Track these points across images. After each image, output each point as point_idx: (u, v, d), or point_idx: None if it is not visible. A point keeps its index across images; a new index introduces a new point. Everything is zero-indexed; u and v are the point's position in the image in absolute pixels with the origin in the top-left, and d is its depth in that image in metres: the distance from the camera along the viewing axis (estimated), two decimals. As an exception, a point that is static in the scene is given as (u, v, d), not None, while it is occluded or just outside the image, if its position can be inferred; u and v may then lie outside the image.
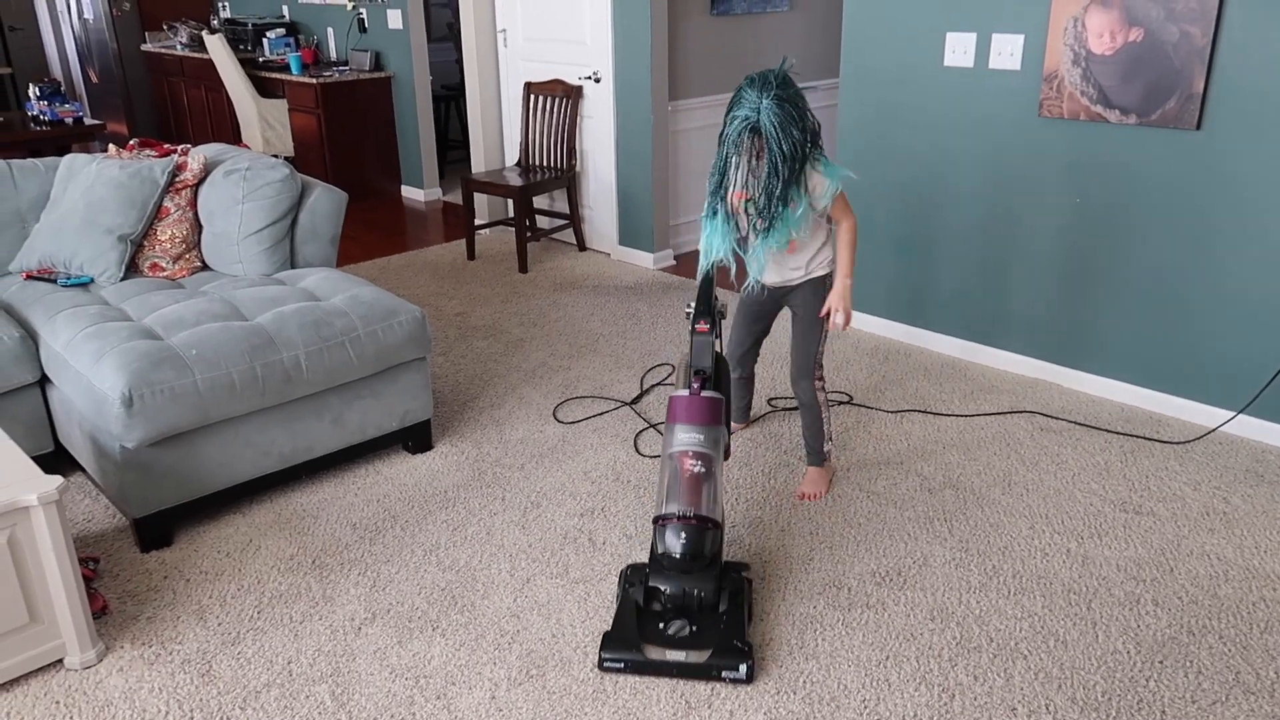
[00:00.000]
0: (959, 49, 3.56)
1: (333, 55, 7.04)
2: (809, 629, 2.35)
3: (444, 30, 7.98)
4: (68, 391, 2.77)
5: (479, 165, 5.84)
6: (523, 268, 5.08)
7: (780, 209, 2.44)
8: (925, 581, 2.53)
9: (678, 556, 2.19)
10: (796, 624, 2.36)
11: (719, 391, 2.41)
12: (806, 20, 5.64)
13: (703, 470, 2.25)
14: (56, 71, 9.41)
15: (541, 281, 4.96)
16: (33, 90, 5.31)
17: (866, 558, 2.63)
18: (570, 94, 5.15)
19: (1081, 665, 2.21)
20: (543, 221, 5.69)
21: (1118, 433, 3.30)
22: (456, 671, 2.22)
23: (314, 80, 6.39)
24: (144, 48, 8.14)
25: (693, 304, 2.52)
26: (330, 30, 7.01)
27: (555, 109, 5.24)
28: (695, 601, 2.23)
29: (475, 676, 2.21)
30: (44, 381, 2.95)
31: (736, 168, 2.42)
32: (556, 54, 5.26)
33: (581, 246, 5.45)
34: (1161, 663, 2.22)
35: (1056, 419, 3.41)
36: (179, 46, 7.71)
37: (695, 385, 2.35)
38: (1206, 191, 3.12)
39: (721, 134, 2.47)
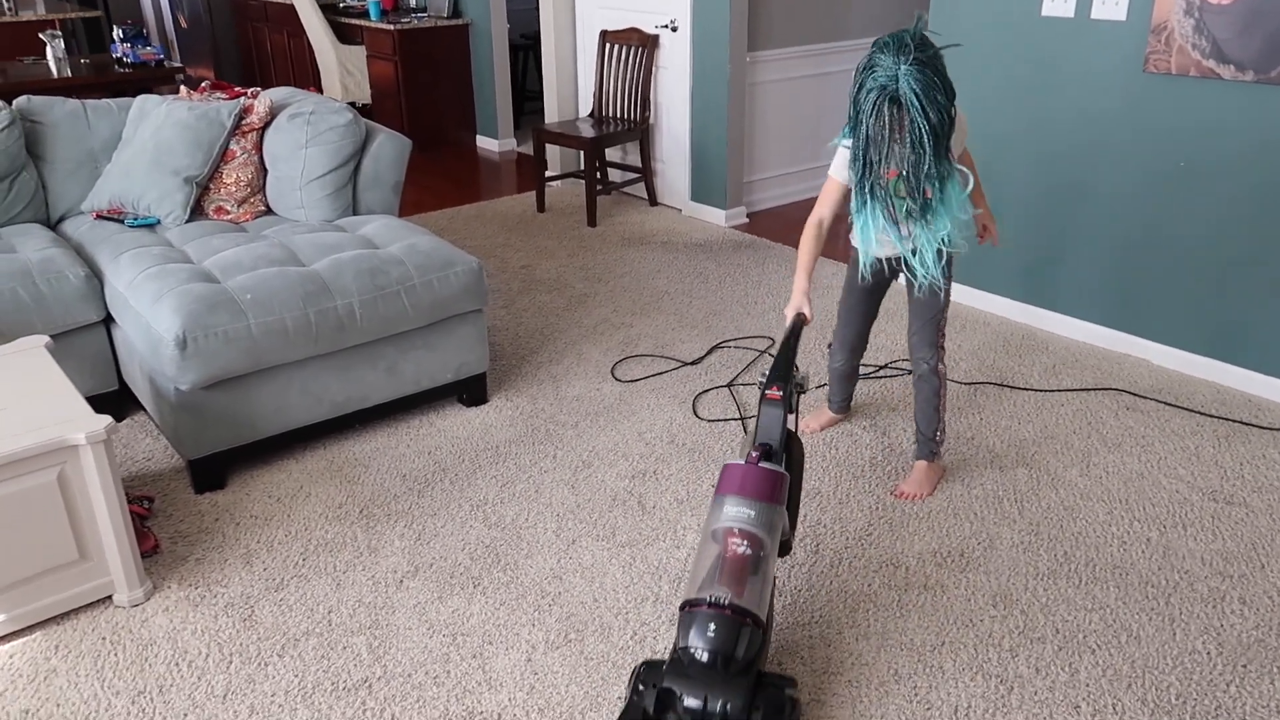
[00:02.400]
0: (1059, -3, 3.31)
1: (412, 1, 6.98)
2: (861, 608, 2.24)
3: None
4: (129, 331, 2.78)
5: (552, 116, 5.74)
6: (591, 221, 4.99)
7: (935, 188, 2.13)
8: (989, 565, 2.39)
9: (702, 655, 1.72)
10: (849, 601, 2.26)
11: (790, 473, 2.02)
12: (897, -32, 5.36)
13: (749, 553, 1.81)
14: (149, 17, 9.58)
15: (610, 236, 4.86)
16: (116, 32, 5.38)
17: (928, 536, 2.50)
18: (646, 43, 5.00)
19: (1155, 664, 2.06)
20: (614, 175, 5.58)
21: (1211, 415, 3.08)
22: (494, 631, 2.18)
23: (392, 27, 6.35)
24: (230, -7, 8.22)
25: (768, 372, 2.11)
26: (410, -24, 6.95)
27: (630, 59, 5.09)
28: (718, 718, 1.71)
29: (513, 637, 2.16)
30: (109, 320, 2.98)
31: (881, 140, 2.08)
32: (633, 1, 5.10)
33: (653, 201, 5.33)
34: (1245, 667, 2.05)
35: (1144, 398, 3.20)
36: (264, -8, 7.76)
37: (754, 455, 1.95)
38: (1328, 157, 2.85)
39: (855, 110, 2.12)
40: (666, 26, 4.93)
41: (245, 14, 8.13)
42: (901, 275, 2.52)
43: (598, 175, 5.12)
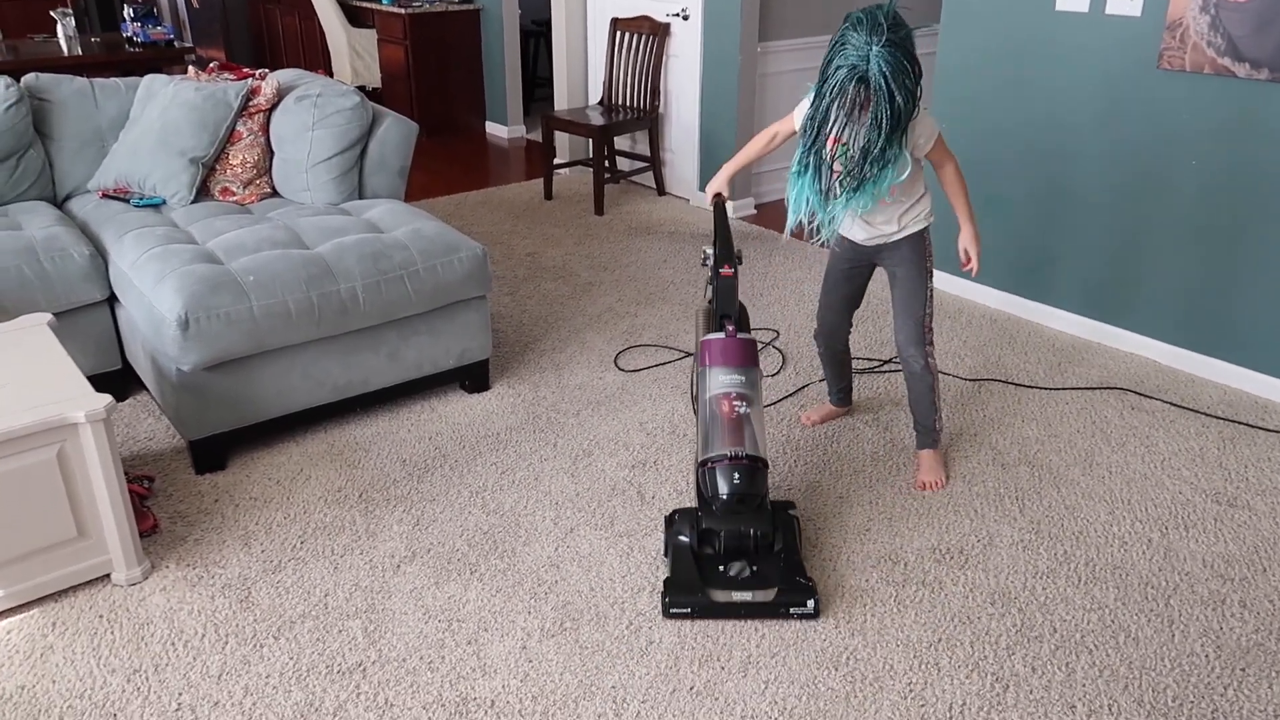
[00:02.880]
0: (1073, -9, 3.28)
1: (424, -14, 6.96)
2: (859, 603, 2.23)
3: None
4: (132, 311, 2.78)
5: (561, 103, 5.72)
6: (599, 210, 4.97)
7: (875, 169, 2.18)
8: (989, 562, 2.38)
9: (732, 496, 2.11)
10: (846, 597, 2.25)
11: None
12: (912, -40, 5.31)
13: (746, 411, 2.17)
14: (162, -4, 9.57)
15: (616, 225, 4.85)
16: (127, 11, 5.37)
17: (927, 532, 2.48)
18: (657, 31, 4.97)
19: (1153, 666, 2.05)
20: (623, 163, 5.56)
21: (1217, 417, 3.06)
22: (490, 618, 2.18)
23: (403, 10, 6.33)
24: (243, -26, 8.20)
25: (710, 249, 2.39)
26: (422, -40, 6.92)
27: (641, 47, 5.07)
28: (753, 542, 2.19)
29: (508, 625, 2.16)
30: (112, 300, 2.98)
31: (835, 119, 2.14)
32: (645, -11, 5.07)
33: (660, 190, 5.31)
34: (1244, 671, 2.04)
35: (1149, 398, 3.18)
36: (276, -27, 7.74)
37: (729, 327, 2.25)
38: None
39: (820, 83, 2.15)
40: (678, 15, 4.91)
41: (257, -5, 8.12)
42: (881, 268, 2.62)
43: (606, 163, 5.10)
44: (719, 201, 2.58)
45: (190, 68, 3.69)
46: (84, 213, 3.23)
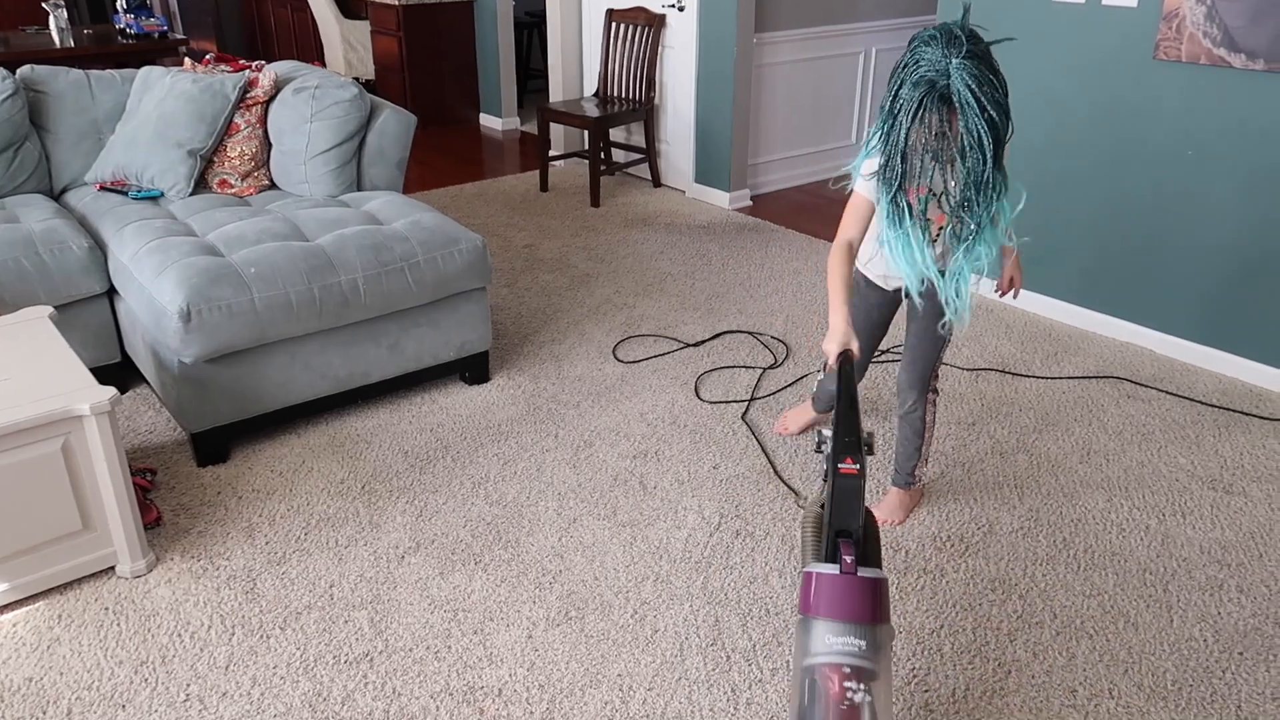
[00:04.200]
0: (1069, -18, 3.29)
1: (417, -23, 6.94)
2: (861, 591, 2.25)
3: (531, -45, 7.80)
4: (132, 303, 2.78)
5: (556, 95, 5.71)
6: (595, 202, 4.98)
7: (991, 205, 1.84)
8: (989, 550, 2.40)
9: None
10: (848, 584, 2.26)
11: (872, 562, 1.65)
12: (907, -49, 5.32)
13: (864, 699, 1.47)
14: (151, -12, 9.51)
15: (613, 216, 4.85)
16: (120, 2, 5.34)
17: (928, 521, 2.50)
18: (652, 22, 4.97)
19: (1152, 650, 2.07)
20: (618, 155, 5.56)
21: (1212, 405, 3.09)
22: (495, 608, 2.19)
23: (396, 2, 6.31)
24: (234, -35, 8.16)
25: (827, 431, 1.71)
26: (415, -49, 6.90)
27: (636, 38, 5.06)
28: None
29: (514, 614, 2.17)
30: (112, 292, 2.97)
31: (916, 153, 1.81)
32: (640, -20, 5.07)
33: (656, 182, 5.31)
34: (1241, 654, 2.06)
35: (1145, 386, 3.20)
36: (268, -35, 7.71)
37: (847, 557, 1.56)
38: (1336, 148, 2.84)
39: (889, 115, 1.82)
40: (673, 6, 4.90)
41: (248, -13, 8.08)
42: (906, 301, 2.32)
43: (602, 155, 5.10)
44: (848, 362, 1.91)
45: (186, 59, 3.68)
46: (82, 205, 3.22)
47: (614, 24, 5.15)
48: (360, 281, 2.78)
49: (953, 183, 1.85)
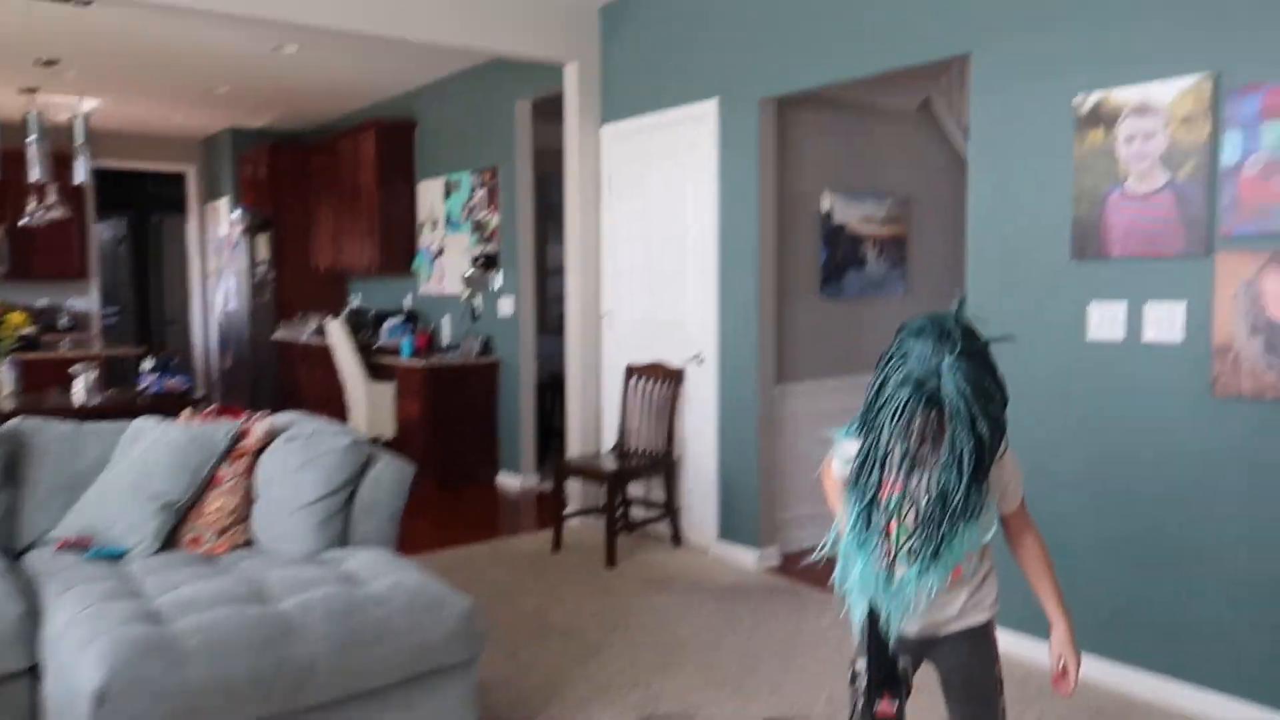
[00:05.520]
0: (1105, 320, 3.12)
1: (445, 341, 7.14)
2: None
3: (559, 322, 8.11)
4: (49, 684, 2.35)
5: (575, 449, 5.55)
6: (610, 561, 4.59)
7: (954, 526, 1.63)
8: None
9: None
10: None
11: None
12: (923, 306, 5.34)
13: None
14: (197, 357, 9.96)
15: (630, 577, 4.44)
16: (146, 364, 5.41)
17: None
18: (671, 377, 4.90)
19: None
20: (638, 511, 5.26)
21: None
22: None
23: (423, 364, 6.41)
24: (275, 336, 8.52)
25: (860, 662, 1.68)
26: (446, 318, 7.16)
27: (656, 392, 4.97)
28: None
29: None
30: (36, 670, 2.55)
31: (895, 457, 1.64)
32: (660, 336, 5.08)
33: (677, 540, 4.95)
34: None
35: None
36: (306, 334, 8.03)
37: None
38: None
39: (871, 411, 1.66)
40: (693, 359, 4.85)
41: (286, 354, 8.37)
42: (933, 665, 1.95)
43: (619, 511, 4.80)
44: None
45: (187, 410, 3.54)
46: (36, 566, 2.90)
47: (633, 379, 5.10)
48: (323, 654, 2.37)
49: (924, 496, 1.60)
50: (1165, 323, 2.98)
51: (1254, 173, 2.77)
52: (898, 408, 1.59)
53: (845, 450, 1.80)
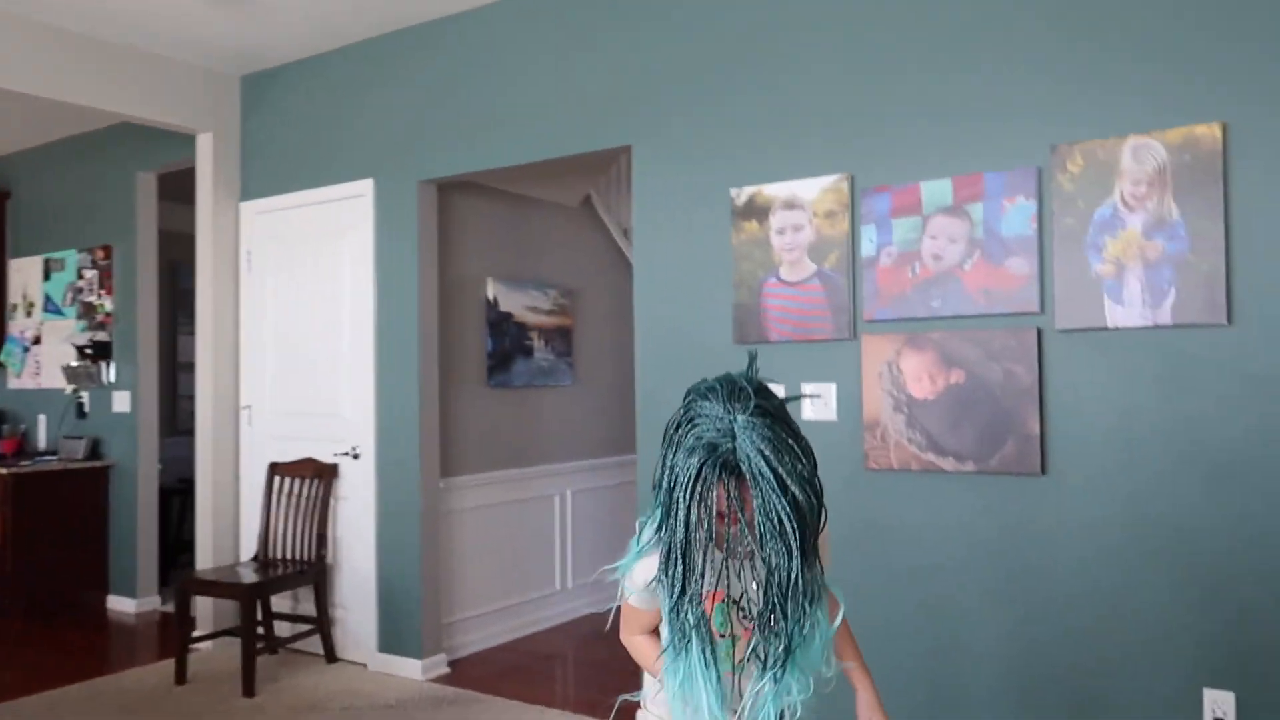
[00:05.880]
0: (767, 402, 3.24)
1: (41, 444, 6.02)
2: None
3: (191, 422, 7.18)
4: None
5: (205, 562, 4.81)
6: (248, 690, 3.95)
7: (803, 616, 1.39)
8: None
9: None
10: None
11: None
12: (592, 395, 5.37)
13: None
14: None
15: (273, 707, 3.84)
16: None
17: None
18: (323, 473, 4.43)
19: None
20: (283, 628, 4.64)
21: None
22: None
23: (4, 471, 5.31)
24: None
25: None
26: (42, 417, 6.05)
27: (304, 491, 4.47)
28: None
29: None
30: None
31: (700, 547, 1.40)
32: (310, 429, 4.59)
33: (331, 657, 4.41)
34: None
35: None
36: None
37: None
38: (1049, 542, 2.76)
39: (662, 485, 1.43)
40: (347, 454, 4.43)
41: None
42: None
43: (260, 630, 4.19)
44: None
45: None
46: None
47: (278, 478, 4.55)
48: None
49: (754, 584, 1.38)
50: (821, 402, 3.14)
51: (888, 263, 3.03)
52: (689, 478, 1.36)
53: (639, 575, 1.53)
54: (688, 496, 1.36)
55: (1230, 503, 2.56)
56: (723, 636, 1.44)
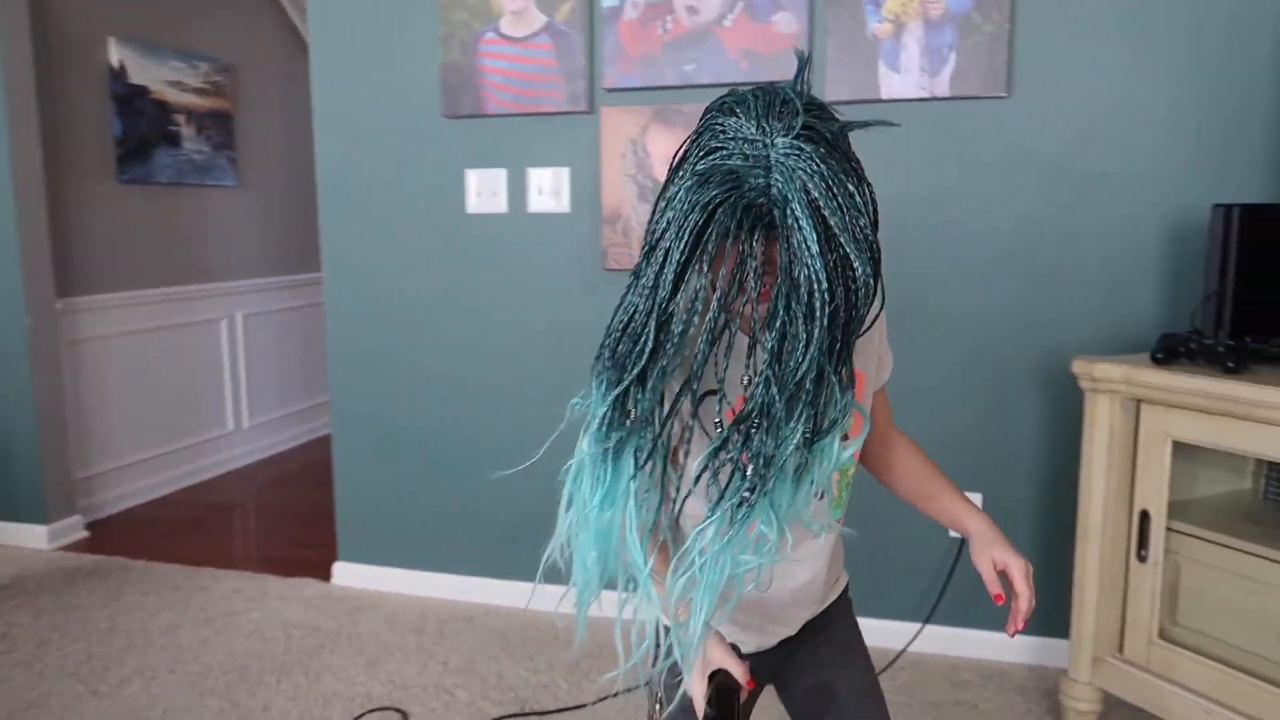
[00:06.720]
0: (486, 191, 2.65)
1: None
2: None
3: None
4: None
5: None
6: None
7: (796, 433, 0.87)
8: None
9: None
10: None
11: None
12: (264, 199, 4.46)
13: None
14: None
15: None
16: None
17: None
18: (-118, 296, 3.29)
19: None
20: None
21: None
22: None
23: None
24: None
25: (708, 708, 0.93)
26: None
27: None
28: None
29: None
30: None
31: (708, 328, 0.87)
32: None
33: (-81, 531, 3.42)
34: None
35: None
36: None
37: None
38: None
39: (651, 242, 0.86)
40: (-84, 270, 3.31)
41: None
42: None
43: None
44: (723, 689, 0.96)
45: None
46: None
47: None
48: None
49: (760, 376, 0.85)
50: (550, 190, 2.60)
51: (634, 16, 2.47)
52: (696, 223, 0.82)
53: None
54: (684, 249, 0.82)
55: (1000, 292, 2.38)
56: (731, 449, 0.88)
